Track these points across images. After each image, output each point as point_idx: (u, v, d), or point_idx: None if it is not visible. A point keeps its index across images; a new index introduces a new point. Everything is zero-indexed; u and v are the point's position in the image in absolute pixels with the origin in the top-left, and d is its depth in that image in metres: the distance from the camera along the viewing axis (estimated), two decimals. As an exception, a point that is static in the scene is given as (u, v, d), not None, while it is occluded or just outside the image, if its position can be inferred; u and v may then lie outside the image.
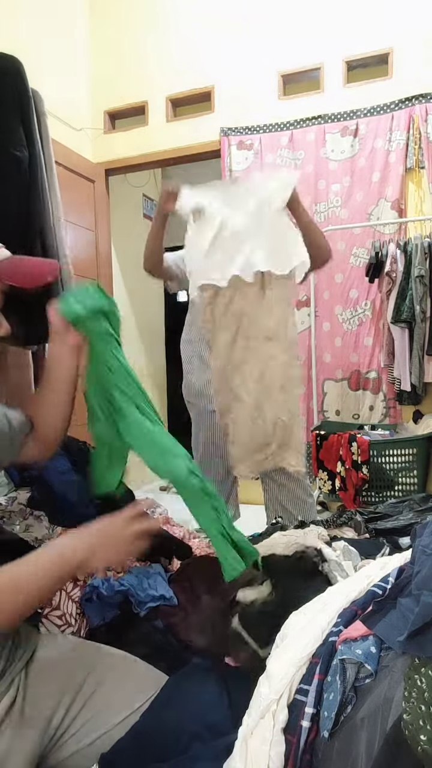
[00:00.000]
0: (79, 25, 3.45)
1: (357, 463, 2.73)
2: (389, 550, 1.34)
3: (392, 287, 2.89)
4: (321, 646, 0.75)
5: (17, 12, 2.83)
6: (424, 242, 2.79)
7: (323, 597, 0.89)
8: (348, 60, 3.04)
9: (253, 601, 1.02)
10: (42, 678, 0.85)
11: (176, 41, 3.38)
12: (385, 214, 3.02)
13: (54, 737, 0.83)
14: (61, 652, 0.92)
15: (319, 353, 3.21)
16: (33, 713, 0.81)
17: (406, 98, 2.91)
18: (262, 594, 1.04)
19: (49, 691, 0.84)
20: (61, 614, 1.26)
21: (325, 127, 3.11)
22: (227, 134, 3.30)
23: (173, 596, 1.27)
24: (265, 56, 3.19)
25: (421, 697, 0.57)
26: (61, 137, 3.15)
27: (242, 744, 0.71)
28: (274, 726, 0.68)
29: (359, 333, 3.16)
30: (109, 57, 3.54)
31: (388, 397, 3.12)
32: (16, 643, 0.86)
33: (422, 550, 0.74)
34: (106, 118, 3.59)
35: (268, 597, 1.04)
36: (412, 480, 2.73)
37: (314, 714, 0.68)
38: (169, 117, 3.44)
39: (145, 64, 3.47)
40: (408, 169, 2.96)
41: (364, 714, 0.64)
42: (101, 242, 3.58)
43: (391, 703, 0.61)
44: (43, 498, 1.45)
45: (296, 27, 3.11)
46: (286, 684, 0.72)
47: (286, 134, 3.19)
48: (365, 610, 0.76)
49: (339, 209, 3.14)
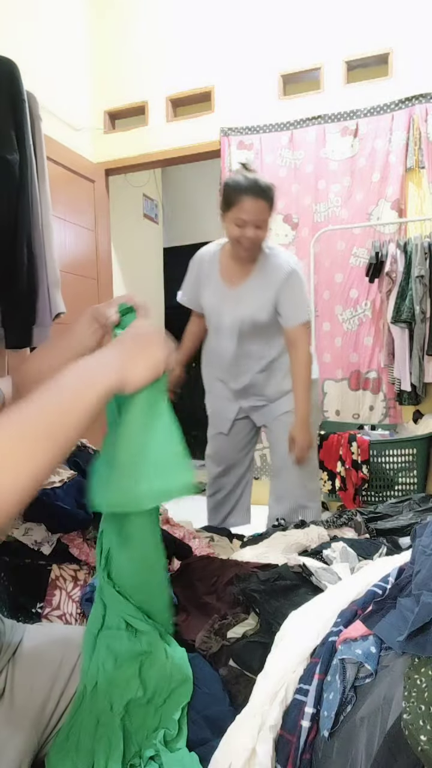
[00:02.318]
0: (79, 25, 3.45)
1: (357, 462, 2.73)
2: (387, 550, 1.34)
3: (392, 287, 2.89)
4: (321, 645, 0.75)
5: (18, 12, 2.83)
6: (424, 242, 2.80)
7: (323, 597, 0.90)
8: (348, 60, 3.04)
9: (243, 635, 1.03)
10: (31, 667, 0.84)
11: (176, 41, 3.38)
12: (385, 214, 3.02)
13: (49, 725, 0.82)
14: (48, 639, 0.90)
15: (319, 353, 3.21)
16: (23, 704, 0.80)
17: (406, 98, 2.91)
18: (249, 626, 1.06)
19: (40, 679, 0.83)
20: (61, 614, 1.26)
21: (325, 127, 3.11)
22: (227, 134, 3.30)
23: (173, 596, 1.27)
24: (265, 56, 3.19)
25: (421, 697, 0.57)
26: (61, 137, 3.15)
27: (227, 738, 0.71)
28: (262, 723, 0.68)
29: (359, 333, 3.16)
30: (109, 57, 3.54)
31: (388, 397, 3.12)
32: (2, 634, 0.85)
33: (422, 550, 0.74)
34: (106, 118, 3.59)
35: (256, 627, 1.05)
36: (411, 480, 2.74)
37: (314, 713, 0.68)
38: (169, 117, 3.44)
39: (145, 64, 3.47)
40: (408, 169, 2.96)
41: (363, 714, 0.64)
42: (101, 242, 3.58)
43: (391, 703, 0.61)
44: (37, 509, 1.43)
45: (296, 27, 3.11)
46: (281, 683, 0.72)
47: (286, 134, 3.19)
48: (365, 610, 0.77)
49: (339, 209, 3.14)
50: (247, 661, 0.95)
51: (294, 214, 3.24)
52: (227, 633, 1.05)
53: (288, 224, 3.26)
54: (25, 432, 0.56)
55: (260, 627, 1.05)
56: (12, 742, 0.75)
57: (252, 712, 0.72)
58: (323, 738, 0.66)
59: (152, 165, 3.69)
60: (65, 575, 1.34)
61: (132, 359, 0.69)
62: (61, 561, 1.37)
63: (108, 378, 0.65)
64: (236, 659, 0.97)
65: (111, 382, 0.65)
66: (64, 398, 0.61)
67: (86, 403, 0.61)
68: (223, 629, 1.06)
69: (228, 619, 1.09)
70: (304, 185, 3.18)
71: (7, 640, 0.85)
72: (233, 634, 1.05)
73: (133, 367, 0.68)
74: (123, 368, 0.67)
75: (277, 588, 1.14)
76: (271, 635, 0.87)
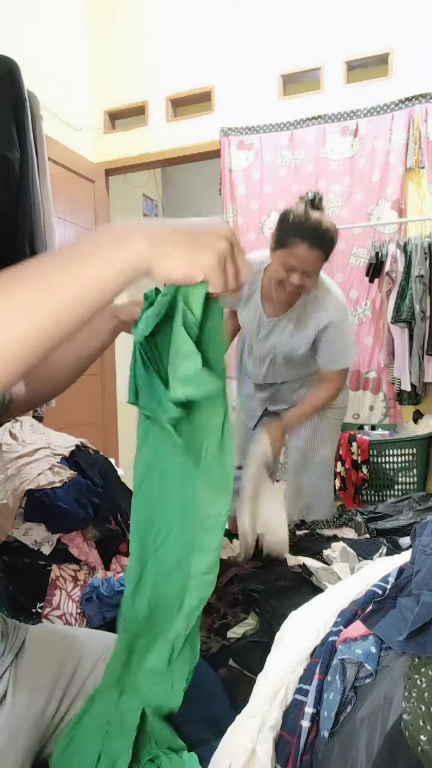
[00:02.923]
0: (79, 25, 3.45)
1: (357, 462, 2.74)
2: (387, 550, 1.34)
3: (392, 287, 2.89)
4: (321, 645, 0.75)
5: (18, 12, 2.83)
6: (424, 242, 2.80)
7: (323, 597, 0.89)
8: (348, 60, 3.04)
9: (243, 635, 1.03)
10: (33, 668, 0.83)
11: (176, 41, 3.38)
12: (385, 214, 3.02)
13: (50, 727, 0.82)
14: (50, 641, 0.90)
15: (319, 353, 3.20)
16: (25, 705, 0.80)
17: (406, 98, 2.91)
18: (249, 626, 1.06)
19: (42, 681, 0.83)
20: (61, 614, 1.26)
21: (325, 127, 3.11)
22: (227, 134, 3.30)
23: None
24: (265, 56, 3.19)
25: (421, 697, 0.57)
26: (61, 137, 3.15)
27: (227, 738, 0.71)
28: (262, 723, 0.68)
29: (359, 333, 3.16)
30: (109, 57, 3.54)
31: (388, 397, 3.12)
32: (4, 635, 0.85)
33: (422, 550, 0.74)
34: (106, 118, 3.59)
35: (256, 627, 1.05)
36: (411, 479, 2.74)
37: (314, 714, 0.68)
38: (169, 117, 3.44)
39: (145, 64, 3.47)
40: (408, 169, 2.96)
41: (364, 714, 0.64)
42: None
43: (391, 703, 0.61)
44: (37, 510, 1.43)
45: (296, 27, 3.11)
46: (281, 683, 0.72)
47: (286, 134, 3.19)
48: (365, 610, 0.76)
49: (339, 209, 3.14)
50: (247, 661, 0.95)
51: (294, 214, 3.24)
52: (227, 633, 1.05)
53: (288, 224, 3.26)
54: (15, 286, 0.46)
55: (260, 627, 1.05)
56: (14, 743, 0.76)
57: (252, 712, 0.72)
58: (323, 738, 0.66)
59: (152, 165, 3.69)
60: (65, 575, 1.34)
61: (169, 240, 0.52)
62: (61, 561, 1.37)
63: (132, 251, 0.50)
64: (236, 659, 0.97)
65: (135, 255, 0.50)
66: (73, 259, 0.49)
67: (100, 272, 0.48)
68: (222, 629, 1.06)
69: (228, 619, 1.09)
70: (304, 185, 3.17)
71: (11, 641, 0.85)
72: (233, 634, 1.05)
73: (170, 251, 0.51)
74: (153, 246, 0.51)
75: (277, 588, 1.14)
76: (271, 635, 0.87)
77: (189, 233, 0.53)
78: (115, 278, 0.49)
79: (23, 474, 1.50)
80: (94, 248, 0.50)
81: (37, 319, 0.46)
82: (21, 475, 1.49)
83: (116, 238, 0.50)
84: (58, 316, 0.46)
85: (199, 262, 0.52)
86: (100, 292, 0.48)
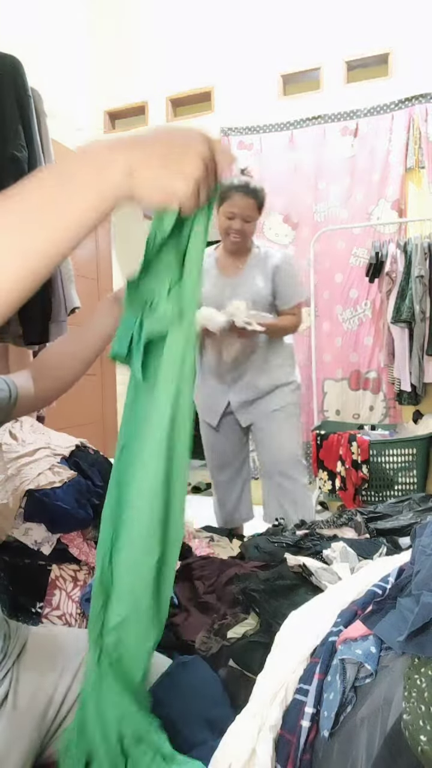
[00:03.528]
0: (79, 25, 3.45)
1: (357, 462, 2.73)
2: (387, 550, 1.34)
3: (392, 287, 2.89)
4: (321, 645, 0.75)
5: (18, 11, 2.83)
6: (424, 242, 2.80)
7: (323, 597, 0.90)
8: (348, 60, 3.04)
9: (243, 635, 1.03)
10: (34, 670, 0.84)
11: (176, 41, 3.38)
12: (385, 214, 3.02)
13: (52, 727, 0.82)
14: (52, 642, 0.90)
15: (319, 353, 3.21)
16: (27, 706, 0.80)
17: (406, 98, 2.91)
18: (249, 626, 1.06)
19: (43, 682, 0.83)
20: (61, 614, 1.26)
21: (325, 127, 3.11)
22: (227, 134, 3.30)
23: (174, 596, 1.27)
24: (265, 56, 3.19)
25: (421, 697, 0.57)
26: (61, 137, 3.15)
27: (227, 738, 0.71)
28: (262, 723, 0.68)
29: (359, 333, 3.16)
30: (109, 57, 3.54)
31: (388, 397, 3.12)
32: (7, 637, 0.85)
33: (422, 550, 0.74)
34: (106, 118, 3.59)
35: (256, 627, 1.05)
36: (411, 480, 2.74)
37: (314, 714, 0.68)
38: (169, 117, 3.44)
39: (145, 64, 3.47)
40: (408, 169, 2.96)
41: (364, 714, 0.64)
42: (101, 242, 3.58)
43: (391, 703, 0.61)
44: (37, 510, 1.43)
45: (296, 27, 3.11)
46: (281, 683, 0.72)
47: (286, 134, 3.19)
48: (365, 610, 0.76)
49: (339, 209, 3.14)
50: (247, 661, 0.95)
51: (294, 214, 3.24)
52: (227, 633, 1.05)
53: (288, 224, 3.26)
54: (13, 207, 0.49)
55: (260, 627, 1.05)
56: (15, 745, 0.76)
57: (252, 712, 0.72)
58: (323, 738, 0.66)
59: (152, 165, 3.69)
60: (65, 575, 1.34)
61: (148, 168, 0.52)
62: (61, 561, 1.37)
63: (112, 181, 0.51)
64: (236, 659, 0.97)
65: (115, 185, 0.51)
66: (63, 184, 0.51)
67: (83, 203, 0.50)
68: (223, 629, 1.06)
69: (228, 619, 1.09)
70: (304, 185, 3.18)
71: (13, 643, 0.85)
72: (233, 634, 1.05)
73: (148, 181, 0.52)
74: (132, 175, 0.51)
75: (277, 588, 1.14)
76: (271, 635, 0.87)
77: (168, 156, 0.54)
78: (97, 208, 0.51)
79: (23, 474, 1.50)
80: (75, 179, 0.51)
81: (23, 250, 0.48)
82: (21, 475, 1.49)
83: (97, 166, 0.52)
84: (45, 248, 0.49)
85: (175, 191, 0.54)
86: (88, 214, 0.51)
